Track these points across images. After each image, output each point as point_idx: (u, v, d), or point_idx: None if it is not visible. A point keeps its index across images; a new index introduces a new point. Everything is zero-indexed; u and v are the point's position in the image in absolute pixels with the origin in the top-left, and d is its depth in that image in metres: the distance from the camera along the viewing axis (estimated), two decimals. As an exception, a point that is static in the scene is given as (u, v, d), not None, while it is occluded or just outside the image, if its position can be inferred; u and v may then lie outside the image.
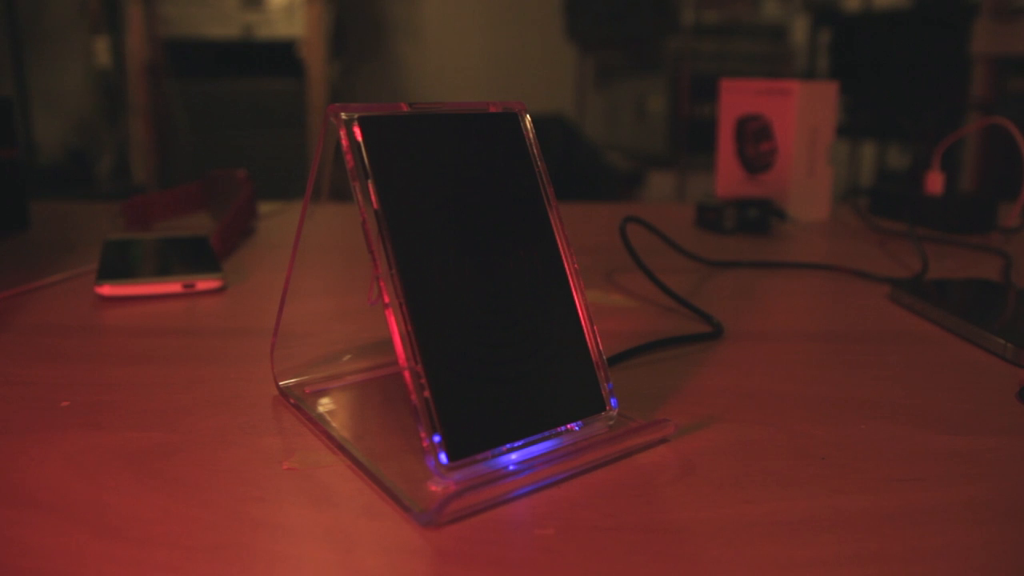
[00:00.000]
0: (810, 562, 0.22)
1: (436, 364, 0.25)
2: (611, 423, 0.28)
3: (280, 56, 2.46)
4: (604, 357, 0.28)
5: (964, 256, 0.60)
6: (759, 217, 0.68)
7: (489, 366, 0.26)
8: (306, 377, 0.33)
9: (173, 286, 0.47)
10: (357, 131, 0.26)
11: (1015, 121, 0.66)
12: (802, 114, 0.71)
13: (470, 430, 0.25)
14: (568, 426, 0.27)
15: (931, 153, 0.71)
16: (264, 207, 0.73)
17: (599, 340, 0.29)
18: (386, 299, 0.25)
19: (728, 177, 0.77)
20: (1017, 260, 0.58)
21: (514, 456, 0.25)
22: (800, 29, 2.74)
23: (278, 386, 0.33)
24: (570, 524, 0.23)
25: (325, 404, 0.31)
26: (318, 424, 0.29)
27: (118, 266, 0.49)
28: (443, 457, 0.24)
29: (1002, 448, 0.28)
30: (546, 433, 0.26)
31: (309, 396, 0.32)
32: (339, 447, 0.28)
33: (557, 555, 0.22)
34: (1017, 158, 0.64)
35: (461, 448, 0.24)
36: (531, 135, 0.30)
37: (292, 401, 0.31)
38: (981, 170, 1.96)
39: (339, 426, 0.29)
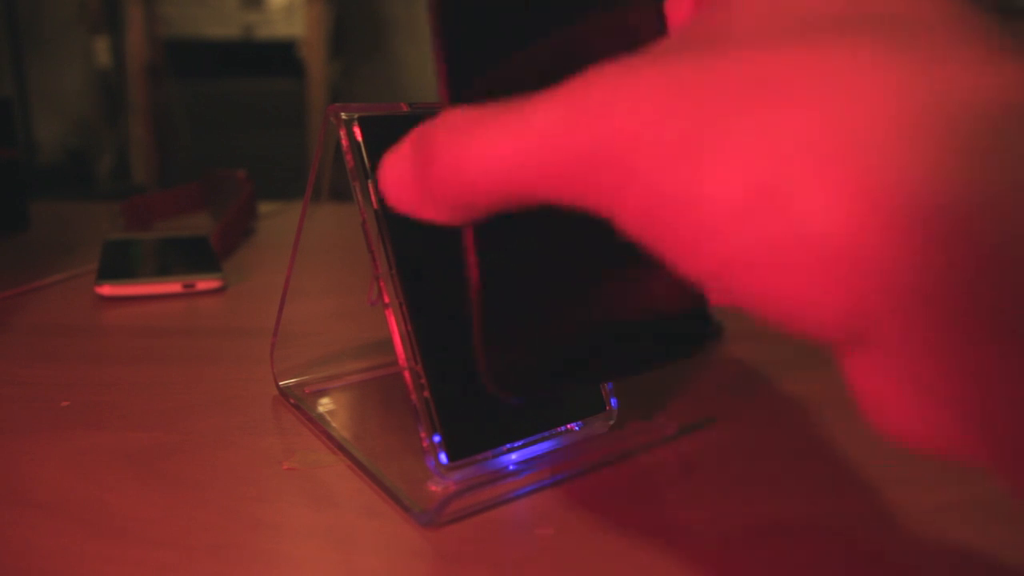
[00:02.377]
0: (810, 562, 0.22)
1: (436, 364, 0.25)
2: (611, 423, 0.28)
3: (280, 56, 2.46)
4: (604, 357, 0.28)
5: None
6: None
7: None
8: (306, 377, 0.33)
9: (173, 286, 0.47)
10: (357, 131, 0.26)
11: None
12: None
13: (470, 430, 0.25)
14: (568, 426, 0.27)
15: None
16: (264, 207, 0.73)
17: (599, 340, 0.29)
18: (386, 299, 0.25)
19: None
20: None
21: (514, 456, 0.25)
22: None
23: (278, 386, 0.33)
24: (570, 524, 0.23)
25: (325, 404, 0.31)
26: (318, 424, 0.29)
27: (118, 266, 0.49)
28: (443, 457, 0.24)
29: (1002, 448, 0.28)
30: (546, 433, 0.26)
31: (309, 396, 0.32)
32: (339, 447, 0.28)
33: (557, 555, 0.22)
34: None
35: (461, 448, 0.24)
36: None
37: (292, 401, 0.31)
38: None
39: (339, 426, 0.29)
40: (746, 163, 0.13)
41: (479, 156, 0.16)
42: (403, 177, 0.18)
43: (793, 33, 0.15)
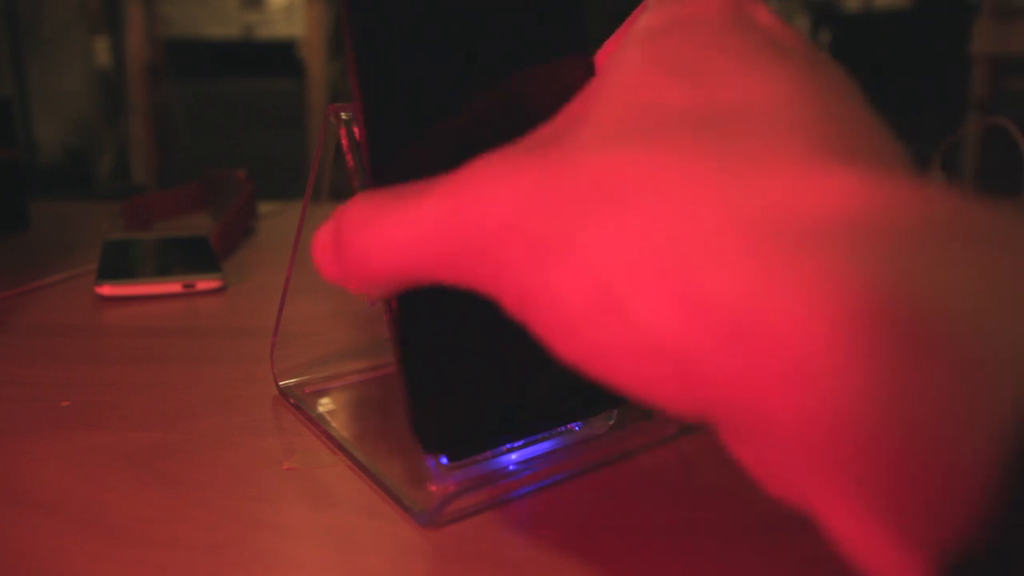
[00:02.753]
0: (811, 561, 0.21)
1: None
2: (611, 423, 0.28)
3: (280, 56, 2.45)
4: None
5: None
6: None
7: None
8: (306, 377, 0.33)
9: (173, 286, 0.47)
10: (357, 131, 0.26)
11: (1015, 121, 0.66)
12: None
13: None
14: (568, 426, 0.27)
15: (931, 153, 0.71)
16: (264, 207, 0.73)
17: (599, 340, 0.29)
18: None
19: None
20: (1017, 260, 0.58)
21: (514, 456, 0.25)
22: (800, 29, 2.74)
23: (278, 386, 0.33)
24: (570, 524, 0.23)
25: (325, 404, 0.31)
26: (318, 424, 0.29)
27: (118, 266, 0.49)
28: (443, 457, 0.24)
29: (1002, 448, 0.28)
30: (546, 433, 0.26)
31: (309, 396, 0.32)
32: (339, 447, 0.28)
33: (557, 555, 0.22)
34: (1017, 158, 0.64)
35: (461, 448, 0.24)
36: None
37: (292, 401, 0.31)
38: (981, 170, 1.96)
39: (339, 426, 0.29)
40: (588, 269, 0.15)
41: (379, 245, 0.18)
42: (326, 255, 0.20)
43: (643, 134, 0.16)
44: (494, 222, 0.16)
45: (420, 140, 0.21)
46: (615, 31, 0.23)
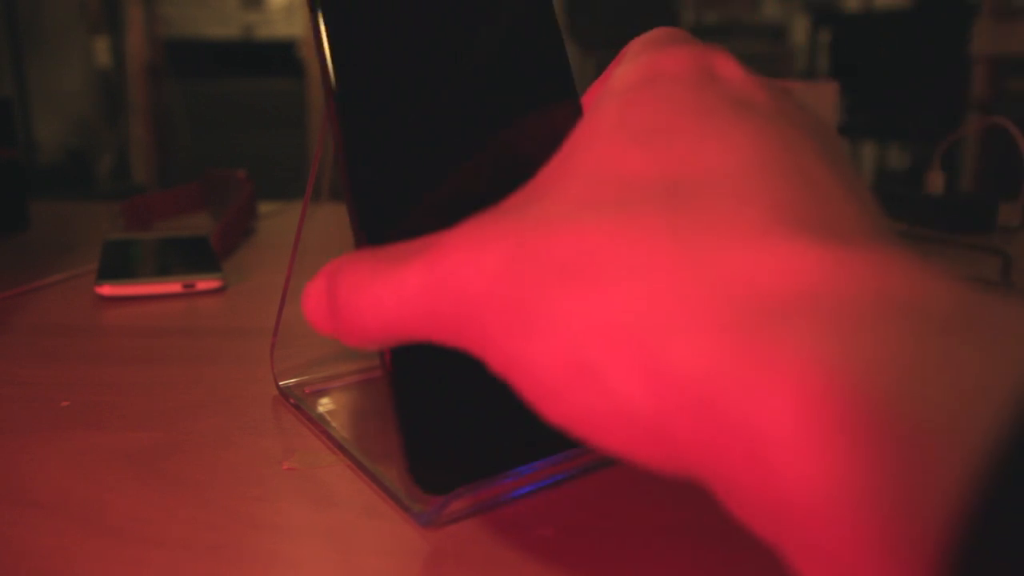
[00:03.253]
0: (810, 562, 0.21)
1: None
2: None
3: (280, 56, 2.46)
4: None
5: (964, 256, 0.60)
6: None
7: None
8: (306, 377, 0.33)
9: (173, 286, 0.47)
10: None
11: (1015, 121, 0.66)
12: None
13: None
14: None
15: (931, 153, 0.71)
16: (264, 207, 0.73)
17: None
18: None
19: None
20: (1017, 260, 0.58)
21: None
22: (800, 29, 2.74)
23: (278, 386, 0.33)
24: (570, 524, 0.23)
25: (325, 404, 0.31)
26: (318, 424, 0.29)
27: (118, 266, 0.49)
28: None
29: (1002, 448, 0.28)
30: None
31: (309, 396, 0.32)
32: (339, 447, 0.28)
33: (557, 555, 0.22)
34: (1017, 158, 0.64)
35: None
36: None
37: (292, 401, 0.31)
38: (981, 170, 1.96)
39: (339, 426, 0.29)
40: (565, 339, 0.15)
41: (369, 308, 0.19)
42: (319, 311, 0.21)
43: (612, 206, 0.16)
44: (474, 290, 0.17)
45: (399, 156, 0.21)
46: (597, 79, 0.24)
